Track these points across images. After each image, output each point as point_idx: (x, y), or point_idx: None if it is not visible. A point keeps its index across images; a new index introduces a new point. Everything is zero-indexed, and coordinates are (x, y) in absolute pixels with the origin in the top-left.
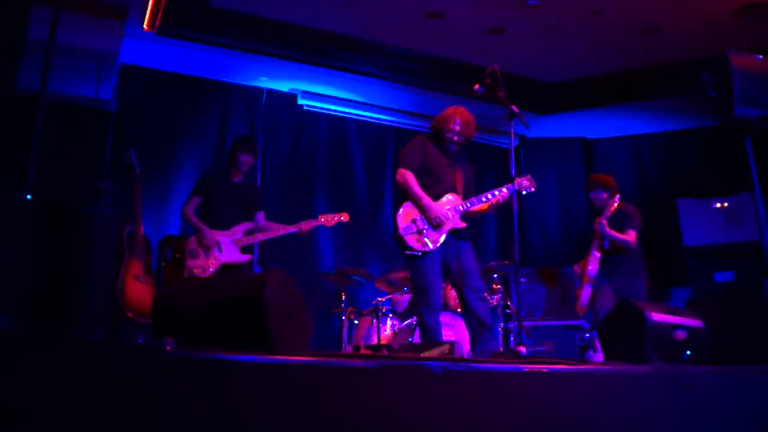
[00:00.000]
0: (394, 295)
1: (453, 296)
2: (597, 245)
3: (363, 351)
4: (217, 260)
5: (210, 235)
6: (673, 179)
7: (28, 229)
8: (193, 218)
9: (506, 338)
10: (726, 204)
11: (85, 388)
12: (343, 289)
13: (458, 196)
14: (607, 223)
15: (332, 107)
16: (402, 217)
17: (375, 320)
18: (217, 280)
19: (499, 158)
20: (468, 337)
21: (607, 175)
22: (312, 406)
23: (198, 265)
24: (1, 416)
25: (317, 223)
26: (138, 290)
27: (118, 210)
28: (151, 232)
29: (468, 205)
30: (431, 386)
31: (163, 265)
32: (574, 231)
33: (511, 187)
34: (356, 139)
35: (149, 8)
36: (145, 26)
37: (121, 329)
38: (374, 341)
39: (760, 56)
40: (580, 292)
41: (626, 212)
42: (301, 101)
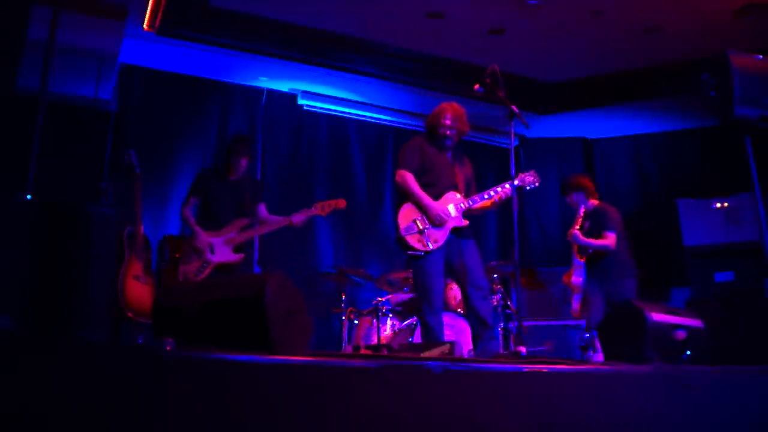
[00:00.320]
0: (394, 294)
1: (453, 296)
2: (578, 253)
3: (363, 351)
4: (210, 262)
5: (202, 238)
6: (673, 179)
7: (28, 229)
8: (190, 220)
9: (506, 338)
10: (726, 204)
11: (85, 388)
12: (343, 289)
13: (460, 194)
14: (579, 233)
15: (332, 107)
16: (403, 217)
17: (375, 320)
18: (217, 280)
19: (499, 158)
20: (468, 337)
21: (581, 176)
22: (312, 406)
23: (190, 270)
24: (1, 416)
25: (312, 213)
26: (138, 290)
27: (118, 210)
28: (151, 232)
29: (470, 203)
30: (431, 386)
31: (163, 265)
32: None
33: (514, 183)
34: (356, 139)
35: (149, 8)
36: (145, 26)
37: (121, 329)
38: (374, 341)
39: (760, 56)
40: (571, 299)
41: (604, 213)
42: (301, 101)
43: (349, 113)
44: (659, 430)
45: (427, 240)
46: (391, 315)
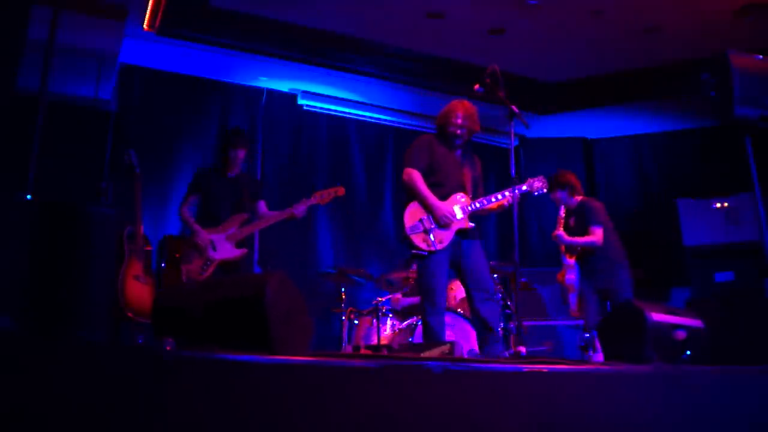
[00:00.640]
0: (395, 294)
1: (453, 296)
2: (567, 253)
3: (363, 351)
4: (213, 260)
5: (202, 236)
6: (673, 179)
7: (28, 229)
8: (189, 219)
9: (506, 338)
10: (726, 204)
11: (85, 388)
12: (343, 289)
13: (467, 196)
14: (564, 233)
15: (332, 107)
16: (408, 216)
17: (375, 320)
18: (217, 280)
19: (499, 158)
20: (468, 337)
21: (566, 173)
22: (312, 406)
23: (193, 269)
24: (1, 416)
25: (312, 202)
26: (138, 290)
27: (118, 210)
28: (151, 232)
29: (477, 205)
30: (431, 386)
31: (163, 265)
32: None
33: (522, 188)
34: (356, 139)
35: (149, 8)
36: (145, 26)
37: (121, 329)
38: (374, 341)
39: (760, 56)
40: (567, 298)
41: (588, 208)
42: (301, 101)
43: (349, 113)
44: (659, 430)
45: (433, 240)
46: (391, 315)
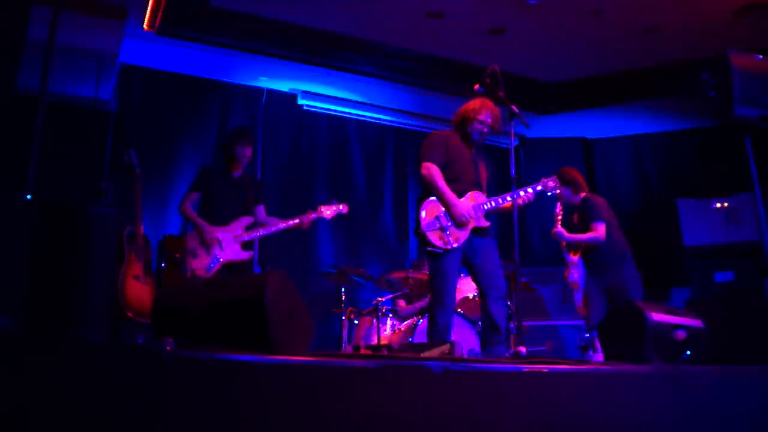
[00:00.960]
0: (399, 302)
1: None
2: (570, 250)
3: (363, 351)
4: (219, 259)
5: (211, 232)
6: (673, 179)
7: (28, 229)
8: (192, 213)
9: (507, 338)
10: (726, 204)
11: (85, 388)
12: (343, 289)
13: (483, 194)
14: (563, 229)
15: (332, 107)
16: (425, 212)
17: (375, 320)
18: (217, 280)
19: (499, 158)
20: (467, 337)
21: (571, 170)
22: (312, 406)
23: (200, 266)
24: (2, 416)
25: (317, 215)
26: (138, 290)
27: (118, 210)
28: (151, 232)
29: (492, 204)
30: (431, 386)
31: (163, 265)
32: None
33: (537, 188)
34: (356, 139)
35: (149, 8)
36: (145, 26)
37: (121, 329)
38: (374, 341)
39: (760, 56)
40: (573, 298)
41: (590, 204)
42: (301, 101)
43: (349, 113)
44: (659, 430)
45: (449, 238)
46: (391, 315)
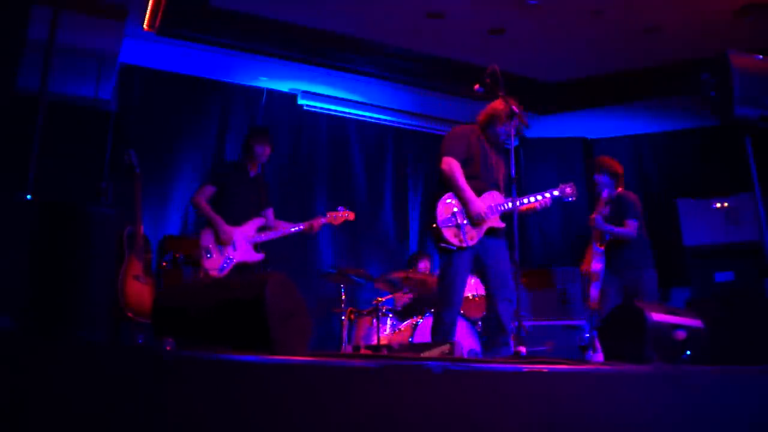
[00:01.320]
0: (396, 294)
1: None
2: (598, 240)
3: (363, 351)
4: (231, 259)
5: (229, 232)
6: (673, 179)
7: (28, 229)
8: (208, 209)
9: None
10: (726, 204)
11: (85, 388)
12: (343, 289)
13: (501, 194)
14: (601, 218)
15: (332, 107)
16: (442, 208)
17: (375, 320)
18: (217, 280)
19: None
20: (467, 337)
21: (614, 161)
22: (312, 406)
23: (213, 266)
24: (2, 416)
25: (325, 221)
26: (138, 290)
27: (118, 210)
28: (151, 232)
29: (509, 206)
30: (431, 386)
31: (163, 265)
32: (574, 231)
33: (554, 193)
34: (356, 139)
35: (149, 8)
36: (145, 26)
37: (121, 329)
38: (374, 341)
39: (760, 56)
40: (589, 289)
41: (626, 201)
42: (301, 101)
43: (349, 113)
44: (659, 430)
45: (464, 236)
46: (391, 315)
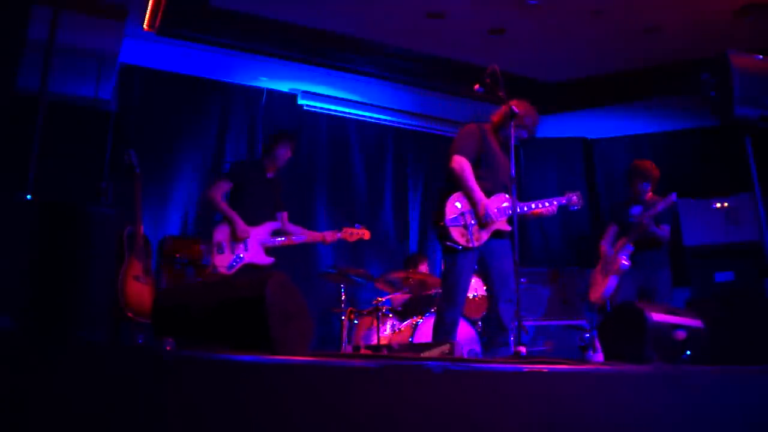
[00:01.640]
0: (394, 294)
1: None
2: (634, 238)
3: (363, 351)
4: (242, 258)
5: (246, 230)
6: (673, 179)
7: (28, 229)
8: (224, 204)
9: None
10: (726, 204)
11: (85, 388)
12: (343, 289)
13: (508, 197)
14: (652, 220)
15: (332, 107)
16: (451, 207)
17: (375, 320)
18: (218, 280)
19: None
20: (467, 337)
21: (653, 165)
22: (312, 406)
23: (222, 263)
24: (2, 416)
25: (340, 236)
26: (138, 290)
27: (118, 210)
28: (151, 232)
29: (516, 210)
30: (431, 386)
31: (163, 265)
32: (573, 231)
33: (562, 200)
34: (356, 139)
35: (149, 8)
36: (145, 26)
37: (121, 329)
38: (374, 341)
39: (760, 56)
40: (604, 280)
41: (663, 206)
42: (301, 101)
43: (349, 113)
44: (659, 430)
45: (471, 236)
46: (391, 315)
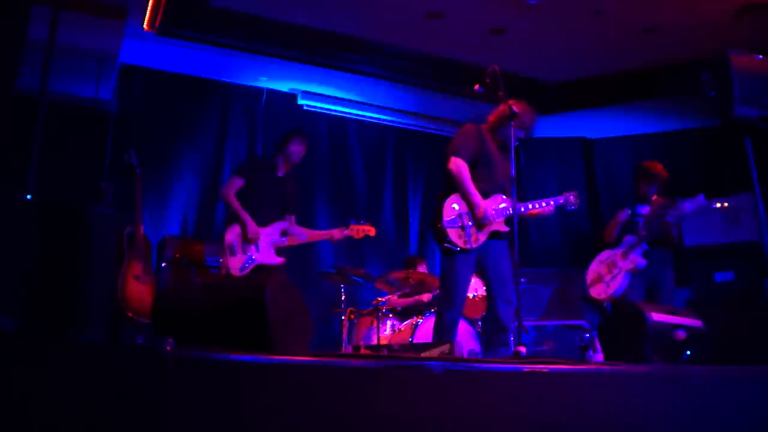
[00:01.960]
0: (394, 294)
1: None
2: (649, 238)
3: (363, 351)
4: (253, 259)
5: (258, 232)
6: (673, 179)
7: (28, 229)
8: (237, 204)
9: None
10: (726, 204)
11: (85, 388)
12: (343, 289)
13: (506, 197)
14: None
15: (332, 107)
16: (448, 208)
17: (375, 320)
18: (218, 281)
19: None
20: (467, 337)
21: (661, 166)
22: (312, 406)
23: (235, 265)
24: (2, 416)
25: (347, 233)
26: (138, 290)
27: (118, 210)
28: (151, 232)
29: (514, 210)
30: (431, 386)
31: (163, 265)
32: (573, 231)
33: (559, 201)
34: (356, 139)
35: (149, 8)
36: (145, 26)
37: (121, 329)
38: (374, 341)
39: (760, 56)
40: (614, 278)
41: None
42: (301, 101)
43: (349, 113)
44: (659, 430)
45: (469, 237)
46: (391, 315)
